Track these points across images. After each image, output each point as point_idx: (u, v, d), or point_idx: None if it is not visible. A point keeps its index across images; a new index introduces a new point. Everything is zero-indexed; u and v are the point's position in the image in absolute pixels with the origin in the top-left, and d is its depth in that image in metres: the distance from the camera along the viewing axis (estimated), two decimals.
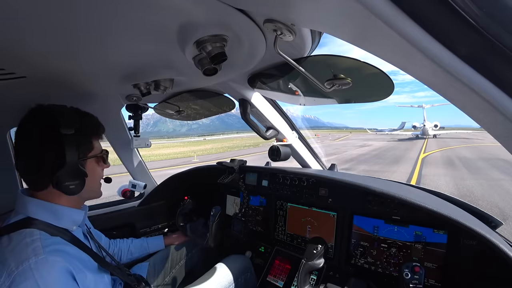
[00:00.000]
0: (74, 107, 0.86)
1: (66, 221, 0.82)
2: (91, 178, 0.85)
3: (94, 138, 0.88)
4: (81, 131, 0.80)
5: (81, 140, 0.82)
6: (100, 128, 0.90)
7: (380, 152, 19.39)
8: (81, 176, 0.80)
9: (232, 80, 1.14)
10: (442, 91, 0.44)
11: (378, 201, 1.19)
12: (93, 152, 0.87)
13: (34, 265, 0.62)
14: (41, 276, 0.62)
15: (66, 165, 0.75)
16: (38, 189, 0.79)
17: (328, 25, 0.53)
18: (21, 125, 0.78)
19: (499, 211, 5.41)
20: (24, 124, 0.78)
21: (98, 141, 0.90)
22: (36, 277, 0.61)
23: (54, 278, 0.63)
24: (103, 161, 0.92)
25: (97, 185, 0.92)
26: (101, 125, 0.91)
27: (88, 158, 0.85)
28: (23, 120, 0.78)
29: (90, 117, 0.88)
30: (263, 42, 0.72)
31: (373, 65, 0.80)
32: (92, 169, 0.86)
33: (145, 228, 1.86)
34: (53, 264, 0.65)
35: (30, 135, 0.76)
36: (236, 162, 1.71)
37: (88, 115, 0.88)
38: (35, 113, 0.79)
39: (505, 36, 0.31)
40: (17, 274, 0.61)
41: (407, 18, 0.33)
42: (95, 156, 0.87)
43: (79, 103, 0.91)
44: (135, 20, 0.54)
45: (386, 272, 1.18)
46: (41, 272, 0.62)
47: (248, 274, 1.43)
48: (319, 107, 6.47)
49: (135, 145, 1.64)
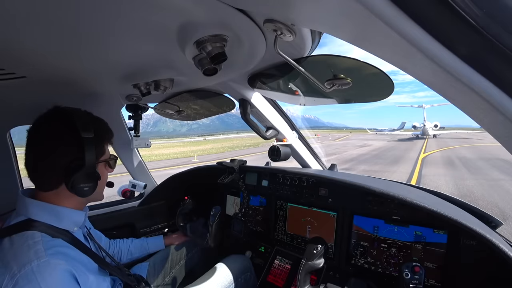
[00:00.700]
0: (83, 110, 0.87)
1: (67, 222, 0.82)
2: (100, 181, 0.86)
3: (106, 143, 0.90)
4: (98, 135, 0.82)
5: (98, 145, 0.85)
6: (110, 133, 0.93)
7: (380, 152, 19.39)
8: (95, 179, 0.82)
9: (232, 80, 1.14)
10: (442, 91, 0.44)
11: (378, 201, 1.19)
12: (104, 157, 0.89)
13: (36, 268, 0.62)
14: (44, 279, 0.61)
15: (84, 168, 0.77)
16: (47, 189, 0.79)
17: (328, 25, 0.53)
18: (38, 125, 0.78)
19: (499, 211, 5.41)
20: (41, 124, 0.78)
21: (108, 145, 0.92)
22: (39, 280, 0.61)
23: (56, 281, 0.63)
24: (109, 166, 0.94)
25: (102, 189, 0.93)
26: (111, 130, 0.94)
27: (100, 162, 0.87)
28: (40, 120, 0.78)
29: (103, 122, 0.91)
30: (263, 42, 0.72)
31: (373, 65, 0.80)
32: (102, 172, 0.88)
33: (145, 228, 1.86)
34: (55, 267, 0.65)
35: (48, 136, 0.77)
36: (236, 162, 1.71)
37: (101, 120, 0.91)
38: (54, 114, 0.79)
39: (505, 36, 0.31)
40: (20, 277, 0.61)
41: (407, 18, 0.33)
42: (105, 160, 0.90)
43: (79, 103, 0.91)
44: (135, 20, 0.53)
45: (386, 272, 1.18)
46: (44, 275, 0.62)
47: (248, 274, 1.43)
48: (319, 107, 6.47)
49: (135, 145, 1.64)
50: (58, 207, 0.80)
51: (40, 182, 0.79)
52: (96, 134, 0.80)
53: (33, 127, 0.78)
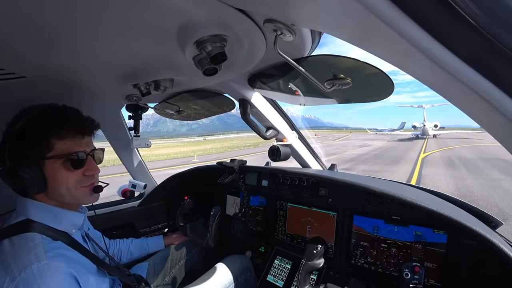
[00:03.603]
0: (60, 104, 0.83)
1: (66, 224, 0.82)
2: (54, 182, 0.76)
3: (55, 138, 0.76)
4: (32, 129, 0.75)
5: (35, 139, 0.74)
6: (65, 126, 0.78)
7: (380, 152, 19.39)
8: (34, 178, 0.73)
9: (232, 80, 1.14)
10: (442, 91, 0.44)
11: (378, 201, 1.19)
12: (52, 153, 0.75)
13: (37, 271, 0.62)
14: (44, 282, 0.61)
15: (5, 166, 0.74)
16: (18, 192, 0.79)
17: (328, 25, 0.53)
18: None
19: (499, 211, 5.41)
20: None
21: (65, 141, 0.78)
22: (40, 283, 0.61)
23: (57, 284, 0.63)
24: (71, 165, 0.78)
25: (64, 191, 0.79)
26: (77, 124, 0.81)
27: (47, 159, 0.75)
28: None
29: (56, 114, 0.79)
30: (263, 42, 0.72)
31: (373, 65, 0.80)
32: (53, 172, 0.76)
33: (145, 228, 1.86)
34: (56, 270, 0.65)
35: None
36: (236, 162, 1.71)
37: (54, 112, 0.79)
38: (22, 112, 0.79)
39: (505, 36, 0.31)
40: (20, 280, 0.60)
41: (407, 18, 0.33)
42: (55, 157, 0.75)
43: (79, 103, 0.91)
44: (135, 20, 0.53)
45: (386, 272, 1.18)
46: (44, 278, 0.62)
47: (248, 274, 1.43)
48: (319, 107, 6.47)
49: (135, 145, 1.64)
50: (57, 209, 0.80)
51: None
52: (26, 127, 0.73)
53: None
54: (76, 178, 0.80)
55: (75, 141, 0.80)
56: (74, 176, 0.80)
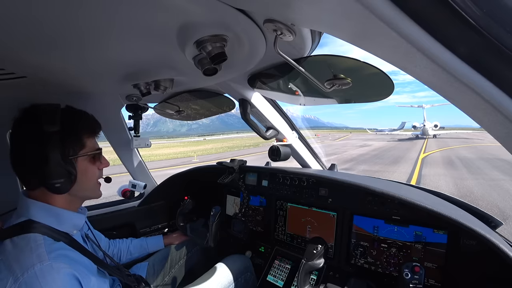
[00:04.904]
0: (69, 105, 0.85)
1: (67, 225, 0.82)
2: (83, 177, 0.83)
3: (85, 136, 0.85)
4: (68, 128, 0.79)
5: (69, 138, 0.80)
6: (91, 125, 0.88)
7: (380, 152, 19.39)
8: (68, 175, 0.77)
9: (232, 80, 1.14)
10: (442, 91, 0.44)
11: (378, 201, 1.19)
12: (84, 150, 0.84)
13: (39, 272, 0.62)
14: (47, 283, 0.61)
15: (49, 163, 0.74)
16: (28, 187, 0.79)
17: (328, 25, 0.53)
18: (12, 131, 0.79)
19: (499, 211, 5.41)
20: (14, 129, 0.79)
21: (91, 139, 0.87)
22: (42, 285, 0.61)
23: (60, 285, 0.63)
24: (98, 160, 0.89)
25: (91, 185, 0.88)
26: (95, 122, 0.89)
27: (79, 156, 0.82)
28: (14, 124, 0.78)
29: (78, 114, 0.86)
30: (263, 42, 0.72)
31: (373, 65, 0.80)
32: (84, 168, 0.84)
33: (145, 228, 1.86)
34: (58, 271, 0.65)
35: (17, 138, 0.78)
36: (236, 162, 1.71)
37: (80, 113, 0.86)
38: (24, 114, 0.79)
39: (505, 36, 0.31)
40: (23, 281, 0.60)
41: (407, 18, 0.33)
42: (86, 154, 0.84)
43: (79, 103, 0.91)
44: (135, 20, 0.53)
45: (386, 272, 1.18)
46: (47, 279, 0.62)
47: (248, 274, 1.43)
48: (319, 107, 6.47)
49: (135, 145, 1.64)
50: (59, 209, 0.80)
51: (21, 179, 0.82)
52: (66, 127, 0.77)
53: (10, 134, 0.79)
54: (98, 173, 0.91)
55: (94, 138, 0.90)
56: (97, 171, 0.90)
